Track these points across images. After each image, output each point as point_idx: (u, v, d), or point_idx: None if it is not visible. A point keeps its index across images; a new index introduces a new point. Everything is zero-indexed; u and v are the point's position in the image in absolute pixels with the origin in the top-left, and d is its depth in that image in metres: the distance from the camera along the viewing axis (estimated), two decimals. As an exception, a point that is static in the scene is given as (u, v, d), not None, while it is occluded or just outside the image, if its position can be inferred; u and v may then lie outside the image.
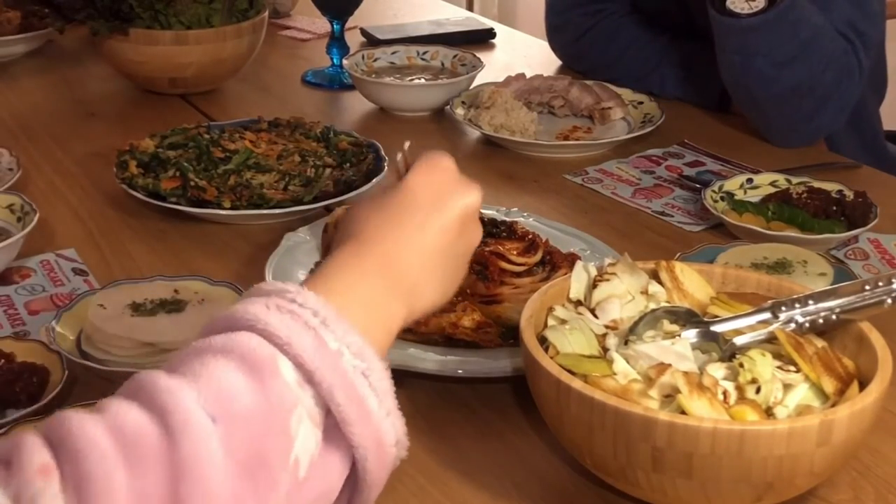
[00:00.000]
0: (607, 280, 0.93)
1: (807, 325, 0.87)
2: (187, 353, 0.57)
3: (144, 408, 0.52)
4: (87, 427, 0.51)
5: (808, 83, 1.49)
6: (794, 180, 1.36)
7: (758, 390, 0.81)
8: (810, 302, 0.87)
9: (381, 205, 0.72)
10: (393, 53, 1.82)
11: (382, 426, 0.60)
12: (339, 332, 0.59)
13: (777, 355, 0.85)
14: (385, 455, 0.61)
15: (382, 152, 1.40)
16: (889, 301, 0.85)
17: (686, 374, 0.80)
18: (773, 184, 1.37)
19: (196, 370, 0.55)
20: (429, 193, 0.72)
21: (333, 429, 0.58)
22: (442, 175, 0.75)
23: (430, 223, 0.71)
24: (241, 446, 0.52)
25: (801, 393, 0.82)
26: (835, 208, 1.29)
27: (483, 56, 1.80)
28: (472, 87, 1.70)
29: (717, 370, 0.83)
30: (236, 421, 0.53)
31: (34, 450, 0.50)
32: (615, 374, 0.83)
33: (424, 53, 1.84)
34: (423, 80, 1.75)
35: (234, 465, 0.52)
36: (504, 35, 2.11)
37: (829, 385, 0.82)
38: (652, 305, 0.92)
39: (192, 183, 1.29)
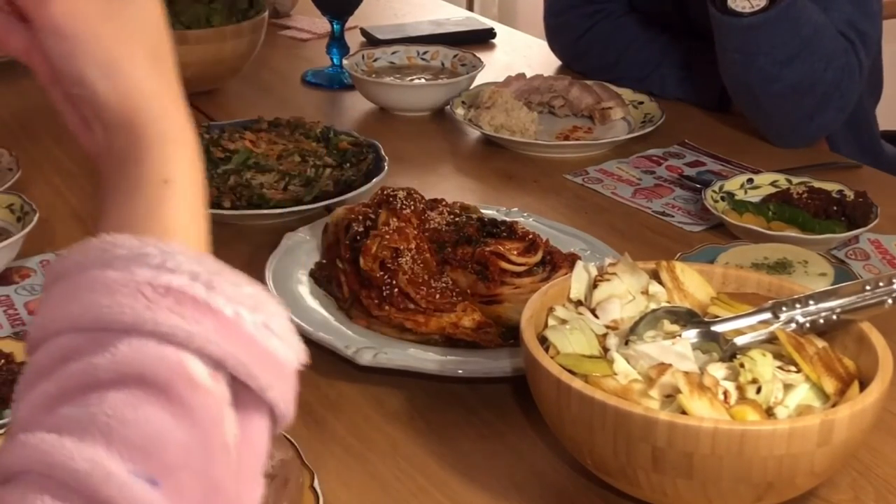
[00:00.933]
0: (608, 280, 0.93)
1: (807, 325, 0.87)
2: (68, 390, 0.45)
3: (60, 496, 0.43)
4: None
5: (810, 81, 1.49)
6: (795, 180, 1.36)
7: (758, 390, 0.81)
8: (811, 302, 0.87)
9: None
10: (393, 53, 1.82)
11: (293, 363, 0.51)
12: (228, 291, 0.49)
13: (777, 355, 0.85)
14: (295, 383, 0.52)
15: (382, 152, 1.40)
16: (889, 301, 0.85)
17: (686, 374, 0.80)
18: (773, 184, 1.37)
19: (100, 421, 0.44)
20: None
21: (244, 394, 0.49)
22: None
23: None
24: (192, 494, 0.45)
25: (802, 393, 0.82)
26: (835, 208, 1.29)
27: (483, 56, 1.80)
28: (472, 87, 1.70)
29: (718, 370, 0.83)
30: (178, 470, 0.45)
31: None
32: (615, 374, 0.83)
33: (424, 53, 1.83)
34: (423, 80, 1.75)
35: None
36: (504, 35, 2.11)
37: (830, 385, 0.82)
38: (652, 305, 0.92)
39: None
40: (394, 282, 1.03)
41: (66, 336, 0.47)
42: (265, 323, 0.49)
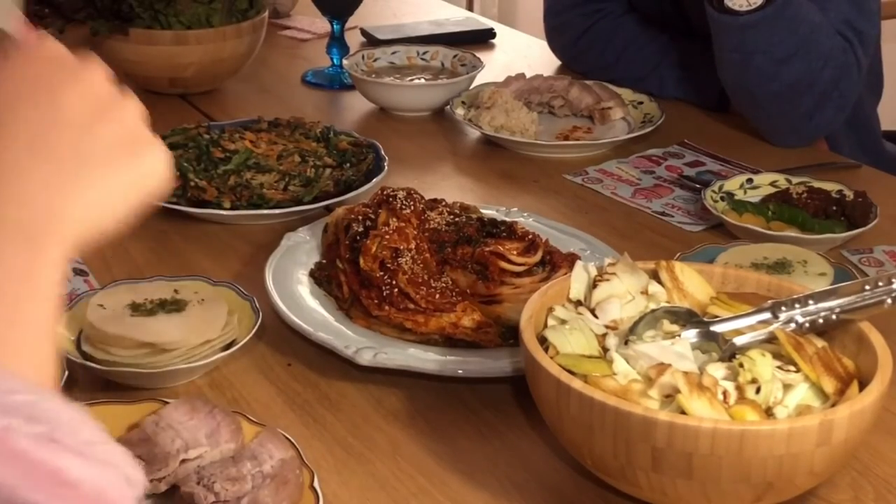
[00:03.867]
0: (607, 280, 0.93)
1: (807, 325, 0.87)
2: None
3: None
4: None
5: (807, 80, 1.49)
6: (794, 180, 1.36)
7: (758, 390, 0.81)
8: (810, 302, 0.87)
9: None
10: (393, 53, 1.82)
11: (101, 485, 0.44)
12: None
13: (777, 355, 0.85)
14: (110, 498, 0.44)
15: (382, 152, 1.40)
16: (889, 301, 0.85)
17: (686, 374, 0.81)
18: (773, 184, 1.37)
19: None
20: (20, 97, 0.52)
21: None
22: (32, 67, 0.55)
23: (37, 127, 0.51)
24: None
25: (801, 393, 0.82)
26: (835, 208, 1.29)
27: (483, 56, 1.80)
28: (472, 87, 1.70)
29: (717, 370, 0.83)
30: None
31: None
32: (615, 374, 0.84)
33: (424, 53, 1.83)
34: (423, 80, 1.75)
35: None
36: (504, 35, 2.11)
37: (829, 385, 0.82)
38: (652, 305, 0.92)
39: (192, 183, 1.29)
40: (394, 282, 1.03)
41: None
42: (49, 434, 0.42)
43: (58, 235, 0.48)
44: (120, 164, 0.54)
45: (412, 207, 1.11)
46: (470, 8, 3.88)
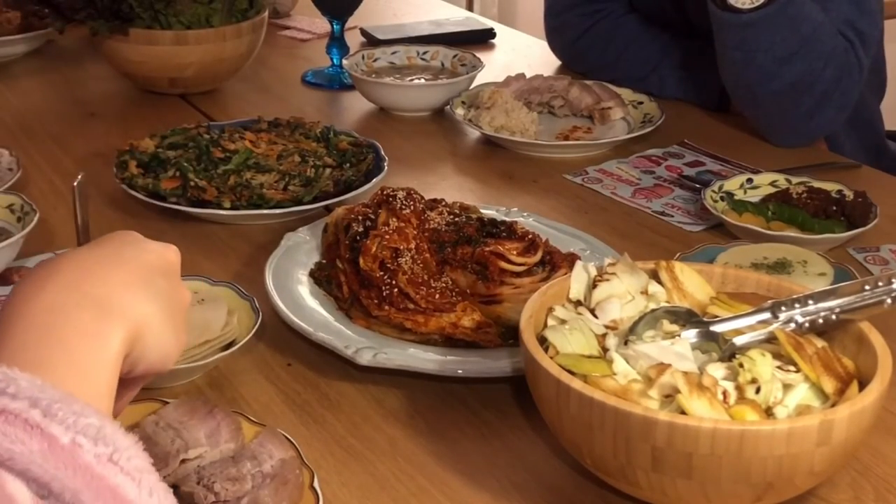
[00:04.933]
0: (607, 280, 0.93)
1: (807, 325, 0.87)
2: None
3: None
4: None
5: (809, 80, 1.49)
6: (794, 180, 1.36)
7: (758, 390, 0.81)
8: (810, 302, 0.87)
9: (63, 254, 0.62)
10: (393, 53, 1.82)
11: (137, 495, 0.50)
12: (69, 419, 0.49)
13: (777, 355, 0.85)
14: None
15: (382, 152, 1.40)
16: (889, 301, 0.85)
17: (686, 374, 0.81)
18: (772, 184, 1.37)
19: None
20: (117, 242, 0.65)
21: None
22: (128, 235, 0.68)
23: (123, 254, 0.63)
24: None
25: (801, 393, 0.82)
26: (835, 208, 1.29)
27: (483, 56, 1.80)
28: (472, 87, 1.70)
29: (717, 370, 0.83)
30: None
31: None
32: (615, 374, 0.84)
33: (424, 53, 1.84)
34: (423, 80, 1.75)
35: None
36: (504, 35, 2.11)
37: (829, 385, 0.82)
38: (652, 305, 0.92)
39: (192, 183, 1.29)
40: (393, 282, 1.04)
41: None
42: (110, 456, 0.49)
43: (124, 319, 0.58)
44: (169, 318, 0.63)
45: (412, 207, 1.11)
46: (470, 8, 3.88)
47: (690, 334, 0.88)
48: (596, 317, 0.91)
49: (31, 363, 0.53)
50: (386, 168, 1.36)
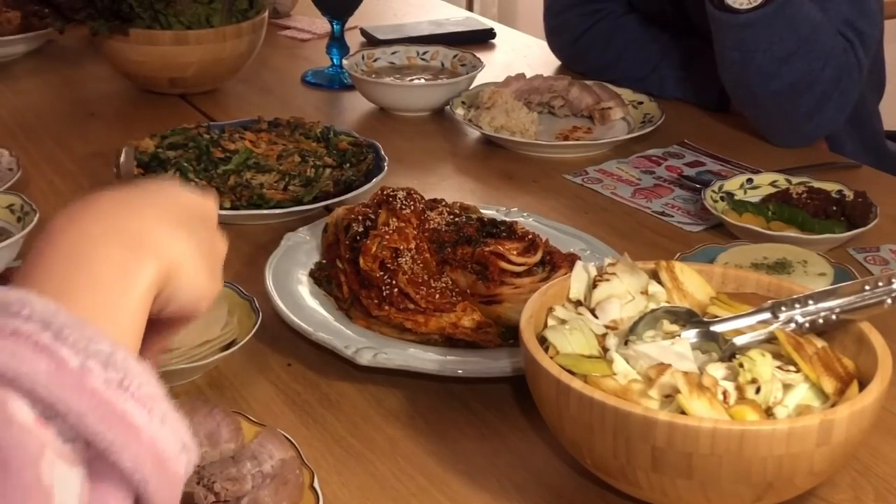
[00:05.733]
0: (607, 280, 0.93)
1: (807, 325, 0.87)
2: None
3: None
4: None
5: (808, 80, 1.49)
6: (794, 180, 1.36)
7: (758, 390, 0.81)
8: (810, 302, 0.87)
9: (93, 196, 0.60)
10: (393, 53, 1.82)
11: (158, 439, 0.50)
12: (80, 343, 0.49)
13: (777, 355, 0.85)
14: (170, 469, 0.50)
15: (382, 152, 1.40)
16: (889, 301, 0.85)
17: (686, 374, 0.81)
18: (773, 184, 1.37)
19: None
20: (154, 185, 0.64)
21: (100, 459, 0.48)
22: (168, 182, 0.68)
23: (159, 194, 0.62)
24: None
25: (801, 393, 0.82)
26: (835, 208, 1.29)
27: (483, 56, 1.80)
28: (472, 87, 1.70)
29: (717, 370, 0.83)
30: None
31: None
32: (615, 374, 0.84)
33: (424, 53, 1.84)
34: (423, 80, 1.75)
35: None
36: (504, 35, 2.11)
37: (829, 385, 0.82)
38: (652, 305, 0.92)
39: (192, 183, 1.29)
40: (394, 282, 1.03)
41: None
42: (120, 381, 0.49)
43: (157, 255, 0.56)
44: (203, 257, 0.61)
45: (412, 207, 1.11)
46: (470, 8, 3.88)
47: (690, 334, 0.88)
48: (596, 317, 0.91)
49: (55, 290, 0.52)
50: (386, 168, 1.36)
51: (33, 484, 0.46)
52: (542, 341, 0.86)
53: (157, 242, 0.57)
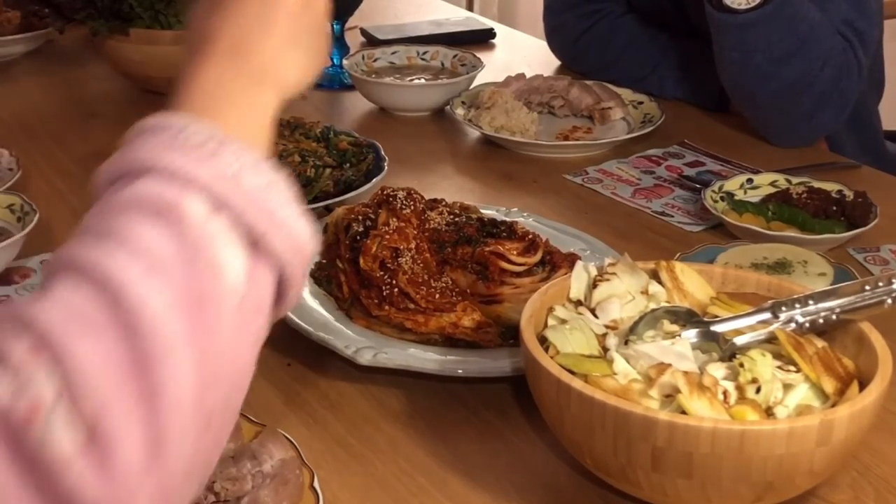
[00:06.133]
0: (607, 280, 0.93)
1: (807, 325, 0.87)
2: (96, 214, 0.58)
3: (83, 282, 0.54)
4: (41, 314, 0.53)
5: (807, 80, 1.49)
6: (794, 180, 1.36)
7: (758, 390, 0.81)
8: (810, 302, 0.87)
9: (216, 9, 0.70)
10: (393, 53, 1.82)
11: (297, 230, 0.61)
12: (234, 154, 0.60)
13: (777, 355, 0.85)
14: (304, 255, 0.63)
15: (382, 152, 1.40)
16: (889, 301, 0.85)
17: (686, 373, 0.81)
18: (773, 184, 1.37)
19: (113, 232, 0.56)
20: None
21: (255, 246, 0.59)
22: None
23: (268, 8, 0.70)
24: (179, 289, 0.55)
25: (801, 393, 0.82)
26: (835, 208, 1.29)
27: (483, 56, 1.80)
28: (472, 87, 1.70)
29: (718, 370, 0.83)
30: (165, 270, 0.55)
31: (15, 339, 0.52)
32: (615, 373, 0.84)
33: (424, 53, 1.84)
34: (423, 80, 1.75)
35: (176, 310, 0.54)
36: (504, 35, 2.11)
37: (829, 385, 0.82)
38: (652, 305, 0.92)
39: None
40: (394, 282, 1.03)
41: (109, 178, 0.61)
42: (266, 185, 0.60)
43: (275, 86, 0.68)
44: (312, 47, 0.73)
45: (412, 207, 1.10)
46: (470, 8, 3.88)
47: (691, 334, 0.88)
48: (596, 317, 0.91)
49: (209, 118, 0.63)
50: (386, 168, 1.36)
51: (207, 263, 0.56)
52: (543, 341, 0.86)
53: (276, 73, 0.69)
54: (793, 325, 0.87)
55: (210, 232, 0.57)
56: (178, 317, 0.54)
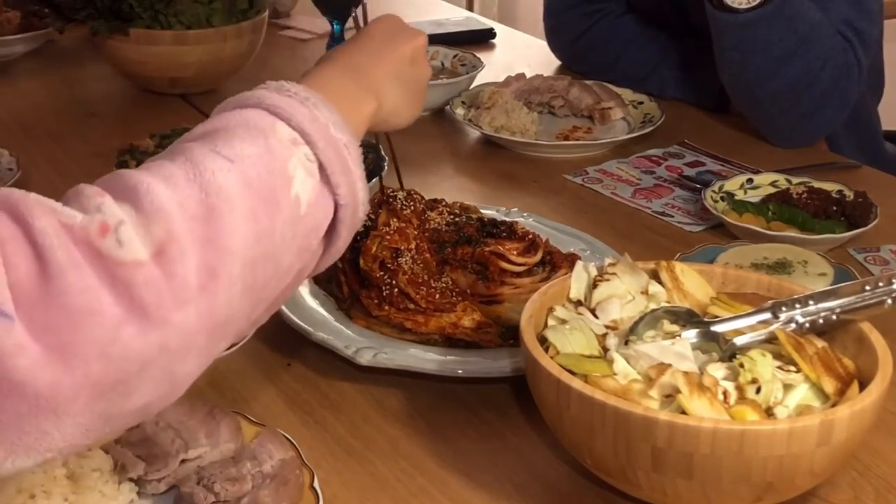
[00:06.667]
0: (607, 280, 0.93)
1: (807, 325, 0.87)
2: (206, 124, 0.71)
3: (175, 159, 0.66)
4: (133, 172, 0.65)
5: (807, 80, 1.49)
6: (794, 180, 1.36)
7: (758, 390, 0.81)
8: (810, 302, 0.87)
9: (345, 45, 0.90)
10: (393, 53, 1.82)
11: (358, 185, 0.74)
12: (325, 112, 0.72)
13: (777, 355, 0.85)
14: (357, 210, 0.74)
15: (383, 152, 1.40)
16: (889, 301, 0.85)
17: (686, 374, 0.81)
18: (773, 184, 1.37)
19: (213, 135, 0.69)
20: (382, 33, 0.92)
21: (324, 182, 0.72)
22: (391, 21, 0.95)
23: (384, 49, 0.89)
24: (251, 178, 0.66)
25: (802, 393, 0.82)
26: (835, 208, 1.29)
27: (483, 56, 1.80)
28: (472, 87, 1.70)
29: (718, 370, 0.83)
30: (245, 160, 0.67)
31: (86, 186, 0.64)
32: (615, 374, 0.83)
33: (424, 53, 1.83)
34: (423, 80, 1.75)
35: (247, 189, 0.66)
36: (504, 35, 2.11)
37: (830, 385, 0.82)
38: (652, 305, 0.92)
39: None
40: (394, 282, 1.03)
41: (224, 108, 0.73)
42: (345, 143, 0.73)
43: (376, 99, 0.84)
44: (412, 92, 0.91)
45: (412, 208, 1.10)
46: (470, 8, 3.88)
47: (691, 334, 0.88)
48: (596, 317, 0.91)
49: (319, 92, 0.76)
50: (386, 168, 1.36)
51: (281, 170, 0.68)
52: (543, 341, 0.86)
53: (378, 92, 0.85)
54: (793, 325, 0.87)
55: (291, 151, 0.69)
56: (245, 195, 0.65)
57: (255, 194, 0.66)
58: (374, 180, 1.33)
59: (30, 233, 0.59)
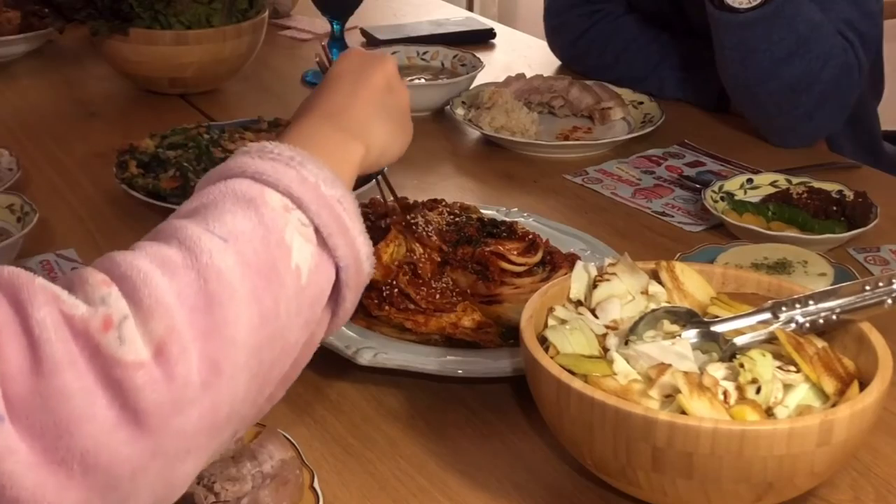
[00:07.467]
0: (607, 280, 0.93)
1: (807, 325, 0.87)
2: (192, 201, 0.69)
3: (169, 242, 0.64)
4: (128, 257, 0.62)
5: (807, 80, 1.49)
6: (795, 180, 1.36)
7: (758, 390, 0.81)
8: (810, 302, 0.87)
9: (317, 93, 0.87)
10: (393, 53, 1.82)
11: (357, 242, 0.71)
12: (313, 169, 0.70)
13: (777, 355, 0.85)
14: (361, 267, 0.72)
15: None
16: (889, 301, 0.85)
17: (686, 374, 0.81)
18: (773, 184, 1.37)
19: (202, 212, 0.67)
20: (349, 71, 0.88)
21: (322, 246, 0.69)
22: (355, 56, 0.91)
23: (358, 85, 0.86)
24: (249, 256, 0.64)
25: (802, 393, 0.82)
26: (835, 208, 1.29)
27: (483, 56, 1.80)
28: (472, 87, 1.70)
29: (718, 370, 0.83)
30: (240, 238, 0.64)
31: (92, 272, 0.61)
32: (615, 374, 0.84)
33: (424, 53, 1.84)
34: (423, 80, 1.75)
35: (246, 268, 0.63)
36: (504, 35, 2.11)
37: (830, 385, 0.82)
38: (652, 305, 0.92)
39: (193, 183, 1.29)
40: (394, 282, 1.03)
41: (208, 181, 0.72)
42: (338, 198, 0.70)
43: (363, 141, 0.82)
44: (398, 122, 0.89)
45: (434, 233, 1.09)
46: (470, 8, 3.88)
47: (691, 334, 0.88)
48: (596, 317, 0.91)
49: (302, 147, 0.73)
50: (386, 168, 1.36)
51: (278, 242, 0.66)
52: (543, 341, 0.86)
53: (363, 130, 0.83)
54: (793, 325, 0.87)
55: (285, 219, 0.67)
56: (244, 276, 0.63)
57: (255, 273, 0.64)
58: (373, 180, 1.33)
59: (27, 323, 0.56)
